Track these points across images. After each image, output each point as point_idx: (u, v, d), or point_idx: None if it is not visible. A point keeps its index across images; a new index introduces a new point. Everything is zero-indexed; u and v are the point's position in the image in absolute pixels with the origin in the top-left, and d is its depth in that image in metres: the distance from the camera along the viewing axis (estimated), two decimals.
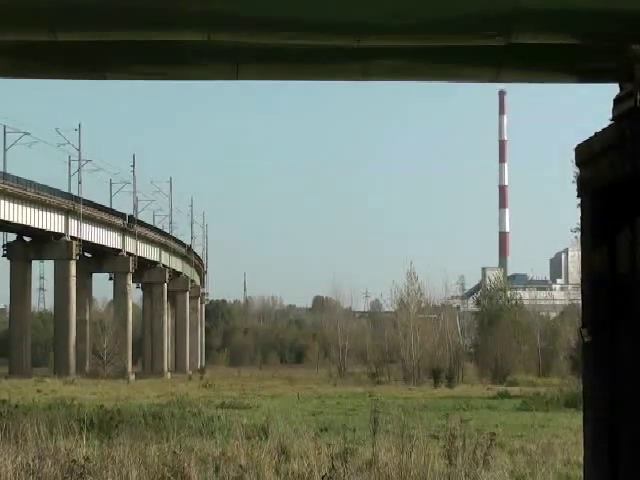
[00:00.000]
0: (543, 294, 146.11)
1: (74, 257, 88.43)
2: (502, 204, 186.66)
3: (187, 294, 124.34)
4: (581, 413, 9.42)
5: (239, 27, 7.77)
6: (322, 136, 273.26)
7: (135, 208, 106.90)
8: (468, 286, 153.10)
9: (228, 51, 8.68)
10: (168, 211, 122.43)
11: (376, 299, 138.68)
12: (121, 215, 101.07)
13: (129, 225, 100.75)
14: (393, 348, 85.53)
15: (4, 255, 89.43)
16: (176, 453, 16.91)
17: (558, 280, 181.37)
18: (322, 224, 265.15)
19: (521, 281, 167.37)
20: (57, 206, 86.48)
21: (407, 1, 7.57)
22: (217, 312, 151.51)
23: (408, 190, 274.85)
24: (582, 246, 9.35)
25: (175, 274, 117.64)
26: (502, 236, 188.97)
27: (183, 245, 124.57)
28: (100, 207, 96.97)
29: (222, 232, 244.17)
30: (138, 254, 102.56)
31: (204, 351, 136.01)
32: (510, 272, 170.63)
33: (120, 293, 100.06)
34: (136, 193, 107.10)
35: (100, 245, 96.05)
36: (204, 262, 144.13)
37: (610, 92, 8.94)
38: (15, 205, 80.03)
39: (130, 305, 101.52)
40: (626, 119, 8.40)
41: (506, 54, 8.66)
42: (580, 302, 9.63)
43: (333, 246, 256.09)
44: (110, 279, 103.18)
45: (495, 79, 9.40)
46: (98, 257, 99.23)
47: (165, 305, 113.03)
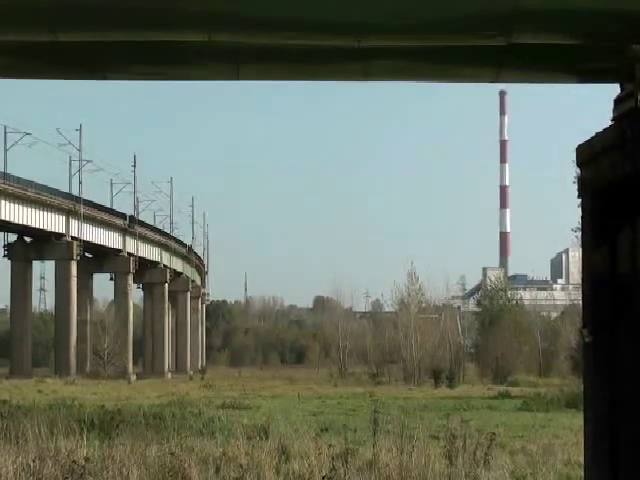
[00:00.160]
0: (544, 294, 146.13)
1: (75, 257, 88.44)
2: (503, 204, 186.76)
3: (188, 294, 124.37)
4: (582, 413, 9.42)
5: (239, 27, 7.77)
6: (322, 136, 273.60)
7: (136, 208, 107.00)
8: (469, 286, 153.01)
9: (228, 51, 8.68)
10: (169, 211, 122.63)
11: (377, 299, 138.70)
12: (122, 215, 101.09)
13: (130, 225, 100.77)
14: (394, 348, 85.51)
15: (5, 255, 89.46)
16: (177, 453, 16.91)
17: (559, 280, 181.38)
18: (322, 224, 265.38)
19: (522, 281, 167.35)
20: (58, 206, 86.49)
21: (407, 1, 7.57)
22: (218, 312, 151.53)
23: (408, 190, 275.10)
24: (583, 246, 9.35)
25: (176, 274, 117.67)
26: (503, 236, 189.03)
27: (184, 245, 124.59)
28: (101, 207, 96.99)
29: (223, 232, 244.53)
30: (139, 254, 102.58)
31: (205, 351, 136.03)
32: (511, 272, 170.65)
33: (121, 293, 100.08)
34: (137, 193, 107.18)
35: (101, 245, 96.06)
36: (205, 262, 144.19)
37: (611, 92, 8.95)
38: (16, 205, 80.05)
39: (131, 305, 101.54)
40: (627, 119, 8.39)
41: (506, 54, 8.66)
42: (581, 302, 9.62)
43: (333, 246, 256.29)
44: (111, 279, 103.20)
45: (495, 79, 9.40)
46: (99, 257, 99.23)
47: (166, 305, 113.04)
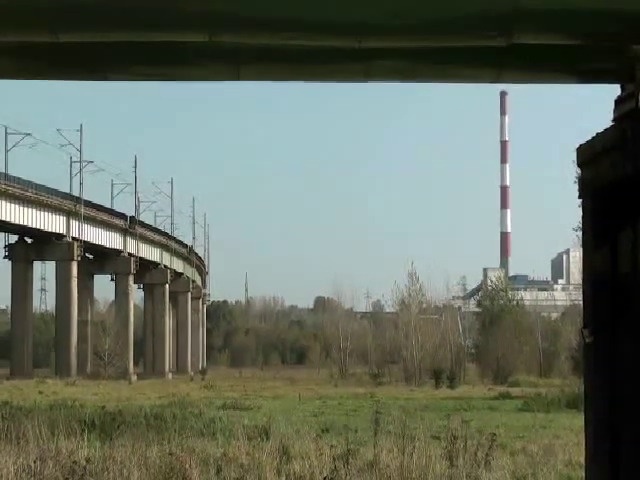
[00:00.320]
0: (544, 294, 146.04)
1: (75, 258, 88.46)
2: (503, 205, 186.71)
3: (188, 295, 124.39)
4: (582, 414, 9.42)
5: (240, 28, 7.77)
6: (322, 136, 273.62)
7: (136, 209, 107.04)
8: (469, 286, 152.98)
9: (229, 52, 8.67)
10: (169, 212, 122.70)
11: (377, 299, 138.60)
12: (122, 216, 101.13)
13: (130, 226, 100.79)
14: (394, 349, 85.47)
15: (6, 256, 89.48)
16: (177, 454, 16.90)
17: (559, 280, 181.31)
18: (323, 224, 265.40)
19: (522, 282, 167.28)
20: (58, 207, 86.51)
21: (408, 2, 7.56)
22: (218, 313, 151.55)
23: (409, 190, 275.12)
24: (583, 246, 9.35)
25: (176, 275, 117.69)
26: (503, 236, 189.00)
27: (184, 246, 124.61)
28: (101, 208, 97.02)
29: (223, 233, 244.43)
30: (139, 255, 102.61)
31: (205, 352, 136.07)
32: (511, 273, 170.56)
33: (121, 294, 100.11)
34: (137, 194, 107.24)
35: (101, 246, 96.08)
36: (205, 263, 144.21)
37: (611, 92, 8.95)
38: (16, 206, 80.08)
39: (131, 306, 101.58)
40: (627, 120, 8.40)
41: (507, 55, 8.66)
42: (581, 303, 9.62)
43: (334, 246, 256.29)
44: (111, 280, 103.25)
45: (496, 80, 9.40)
46: (99, 258, 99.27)
47: (166, 306, 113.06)
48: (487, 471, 16.24)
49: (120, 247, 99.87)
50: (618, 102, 8.75)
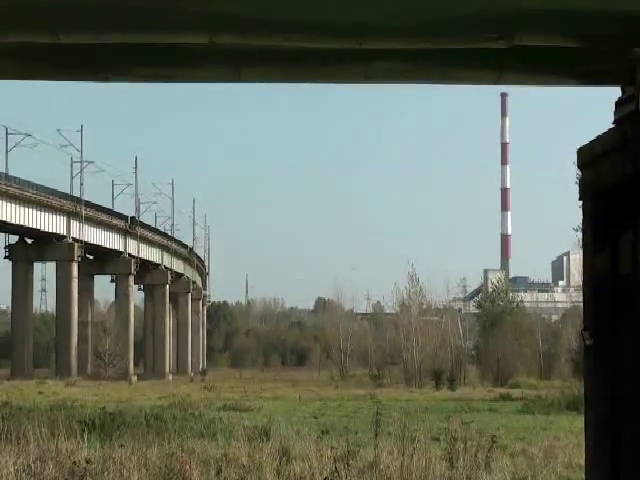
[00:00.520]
0: (545, 296, 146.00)
1: (76, 259, 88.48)
2: (504, 206, 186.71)
3: (189, 296, 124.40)
4: (582, 416, 9.42)
5: (241, 29, 7.78)
6: (322, 136, 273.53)
7: (137, 210, 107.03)
8: (470, 288, 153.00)
9: (230, 53, 8.68)
10: (170, 213, 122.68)
11: (378, 301, 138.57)
12: (123, 217, 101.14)
13: (131, 227, 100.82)
14: (395, 350, 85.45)
15: (6, 257, 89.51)
16: (178, 455, 16.90)
17: (560, 282, 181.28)
18: (323, 225, 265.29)
19: (522, 283, 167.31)
20: (59, 208, 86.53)
21: (409, 4, 7.57)
22: (219, 314, 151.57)
23: (409, 191, 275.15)
24: (584, 248, 9.35)
25: (177, 276, 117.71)
26: (504, 238, 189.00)
27: (185, 247, 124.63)
28: (102, 209, 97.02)
29: (224, 234, 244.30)
30: (140, 256, 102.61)
31: (206, 353, 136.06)
32: (512, 274, 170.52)
33: (122, 295, 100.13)
34: (138, 195, 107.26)
35: (102, 247, 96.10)
36: (206, 264, 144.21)
37: (612, 94, 8.96)
38: (17, 206, 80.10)
39: (132, 307, 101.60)
40: (628, 122, 8.40)
41: (507, 57, 8.66)
42: (582, 304, 9.62)
43: (334, 248, 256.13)
44: (112, 281, 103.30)
45: (497, 82, 9.41)
46: (100, 259, 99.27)
47: (167, 307, 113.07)
48: (487, 473, 16.23)
49: (120, 248, 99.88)
50: (618, 104, 8.76)
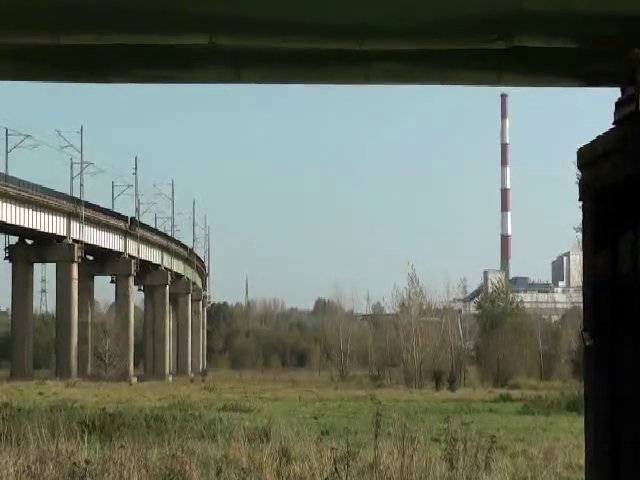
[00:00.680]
0: (545, 297, 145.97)
1: (76, 259, 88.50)
2: (504, 207, 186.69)
3: (189, 297, 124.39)
4: (582, 417, 9.42)
5: (241, 30, 7.78)
6: (322, 136, 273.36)
7: (137, 211, 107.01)
8: (470, 289, 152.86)
9: (230, 54, 8.68)
10: (170, 214, 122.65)
11: (378, 302, 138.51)
12: (123, 218, 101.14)
13: (131, 228, 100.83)
14: (395, 351, 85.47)
15: (6, 257, 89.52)
16: (178, 456, 16.90)
17: (560, 283, 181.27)
18: (323, 226, 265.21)
19: (523, 284, 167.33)
20: (59, 209, 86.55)
21: (409, 5, 7.57)
22: (219, 315, 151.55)
23: (409, 192, 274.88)
24: (584, 248, 9.35)
25: (177, 277, 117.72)
26: (504, 239, 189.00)
27: (185, 248, 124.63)
28: (102, 210, 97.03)
29: (224, 235, 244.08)
30: (140, 257, 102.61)
31: (206, 354, 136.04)
32: (512, 275, 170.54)
33: (122, 295, 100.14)
34: (138, 196, 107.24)
35: (102, 248, 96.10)
36: (206, 265, 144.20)
37: (612, 95, 8.96)
38: (17, 207, 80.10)
39: (132, 307, 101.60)
40: (628, 122, 8.40)
41: (507, 58, 8.66)
42: (582, 305, 9.62)
43: (334, 248, 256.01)
44: (112, 282, 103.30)
45: (497, 83, 9.41)
46: (100, 260, 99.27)
47: (167, 308, 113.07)
48: (487, 474, 16.24)
49: (120, 249, 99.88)
50: (618, 105, 8.76)
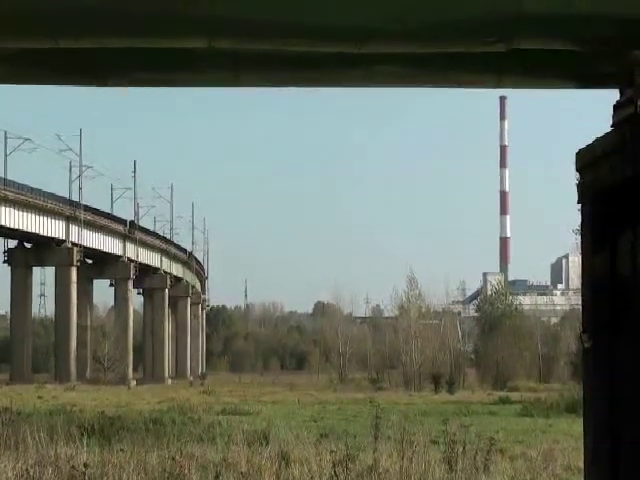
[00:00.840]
0: (544, 299, 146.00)
1: (75, 263, 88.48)
2: (503, 210, 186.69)
3: (188, 300, 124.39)
4: (582, 419, 9.42)
5: (240, 33, 7.78)
6: (321, 138, 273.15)
7: (136, 214, 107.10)
8: (469, 291, 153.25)
9: (229, 57, 8.68)
10: (169, 217, 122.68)
11: (377, 304, 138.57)
12: (122, 221, 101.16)
13: (130, 231, 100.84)
14: (394, 354, 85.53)
15: (5, 261, 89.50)
16: (177, 459, 16.90)
17: (559, 285, 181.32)
18: (322, 228, 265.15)
19: (522, 286, 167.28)
20: (58, 212, 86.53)
21: (409, 7, 7.57)
22: (218, 318, 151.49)
23: (409, 194, 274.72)
24: (583, 250, 9.35)
25: (176, 280, 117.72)
26: (503, 241, 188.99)
27: (184, 251, 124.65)
28: (101, 213, 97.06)
29: (223, 238, 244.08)
30: (139, 260, 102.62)
31: (205, 357, 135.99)
32: (511, 278, 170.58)
33: (121, 299, 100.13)
34: (137, 199, 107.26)
35: (101, 251, 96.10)
36: (205, 268, 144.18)
37: (611, 96, 8.96)
38: (16, 211, 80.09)
39: (131, 311, 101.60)
40: (627, 124, 8.40)
41: (507, 60, 8.67)
42: (580, 307, 9.63)
43: (333, 251, 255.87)
44: (111, 285, 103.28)
45: (496, 85, 9.42)
46: (99, 263, 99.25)
47: (166, 311, 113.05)
48: (486, 476, 16.25)
49: (119, 252, 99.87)
50: (617, 107, 8.76)
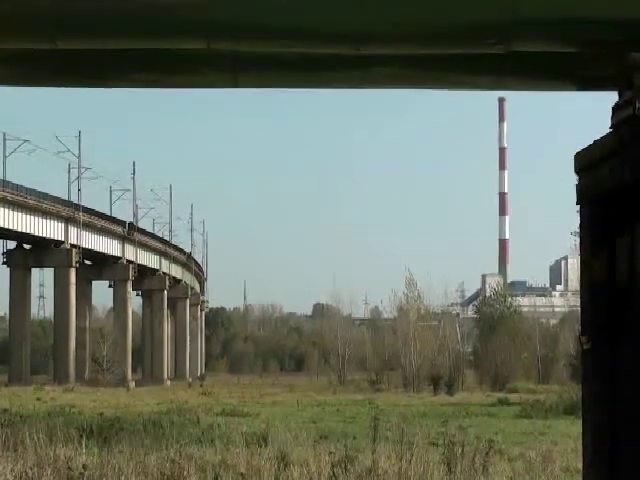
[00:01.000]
0: (543, 301, 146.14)
1: (74, 264, 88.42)
2: (502, 211, 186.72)
3: (187, 301, 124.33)
4: (580, 420, 9.43)
5: (238, 35, 7.79)
6: (320, 139, 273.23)
7: (135, 216, 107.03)
8: (468, 293, 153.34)
9: (227, 59, 8.69)
10: (168, 218, 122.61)
11: (376, 306, 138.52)
12: (121, 223, 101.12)
13: (129, 233, 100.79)
14: (393, 355, 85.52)
15: (4, 263, 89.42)
16: (176, 461, 16.90)
17: (558, 287, 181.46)
18: (321, 230, 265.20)
19: (521, 288, 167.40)
20: (57, 213, 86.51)
21: (407, 9, 7.58)
22: (217, 319, 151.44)
23: (408, 195, 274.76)
24: (581, 252, 9.36)
25: (175, 281, 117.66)
26: (502, 243, 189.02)
27: (183, 252, 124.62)
28: (100, 215, 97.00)
29: (222, 239, 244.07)
30: (138, 261, 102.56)
31: (204, 358, 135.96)
32: (510, 279, 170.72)
33: (120, 300, 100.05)
34: (136, 201, 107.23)
35: (100, 252, 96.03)
36: (204, 269, 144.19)
37: (610, 98, 8.97)
38: (15, 213, 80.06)
39: (130, 312, 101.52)
40: (625, 126, 8.41)
41: (505, 62, 8.68)
42: (579, 309, 9.63)
43: (332, 252, 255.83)
44: (110, 286, 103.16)
45: (494, 87, 9.43)
46: (98, 265, 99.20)
47: (165, 312, 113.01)
48: (485, 478, 16.26)
49: (118, 254, 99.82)
50: (615, 109, 8.77)
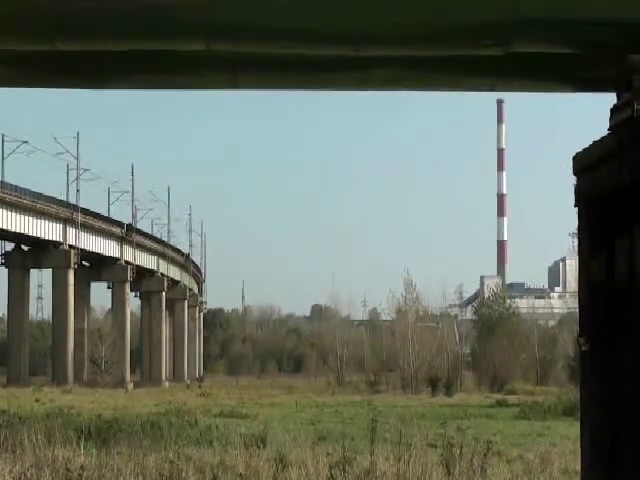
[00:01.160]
0: (541, 302, 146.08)
1: (72, 266, 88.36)
2: (500, 212, 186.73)
3: (185, 303, 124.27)
4: (579, 422, 9.43)
5: (238, 37, 7.80)
6: (319, 140, 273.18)
7: (133, 217, 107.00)
8: (466, 294, 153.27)
9: (227, 60, 8.70)
10: (166, 220, 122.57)
11: (374, 307, 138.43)
12: (119, 224, 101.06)
13: (127, 234, 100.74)
14: (391, 356, 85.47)
15: (2, 264, 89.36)
16: (174, 462, 16.90)
17: (556, 288, 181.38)
18: (320, 231, 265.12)
19: (519, 289, 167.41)
20: (55, 215, 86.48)
21: (406, 11, 7.59)
22: (215, 321, 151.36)
23: (407, 196, 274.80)
24: (580, 254, 9.37)
25: (173, 283, 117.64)
26: (500, 244, 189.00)
27: (181, 254, 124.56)
28: (98, 216, 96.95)
29: (220, 241, 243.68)
30: (136, 263, 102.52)
31: (202, 360, 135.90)
32: (508, 280, 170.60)
33: (118, 302, 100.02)
34: (134, 202, 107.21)
35: (98, 254, 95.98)
36: (202, 271, 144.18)
37: (608, 100, 8.98)
38: (13, 214, 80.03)
39: (128, 314, 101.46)
40: (624, 128, 8.42)
41: (504, 64, 8.69)
42: (578, 310, 9.64)
43: (331, 254, 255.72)
44: (108, 288, 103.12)
45: (493, 88, 9.44)
46: (96, 266, 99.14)
47: (163, 314, 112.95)
48: (483, 479, 16.24)
49: (117, 255, 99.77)
50: (614, 111, 8.78)
